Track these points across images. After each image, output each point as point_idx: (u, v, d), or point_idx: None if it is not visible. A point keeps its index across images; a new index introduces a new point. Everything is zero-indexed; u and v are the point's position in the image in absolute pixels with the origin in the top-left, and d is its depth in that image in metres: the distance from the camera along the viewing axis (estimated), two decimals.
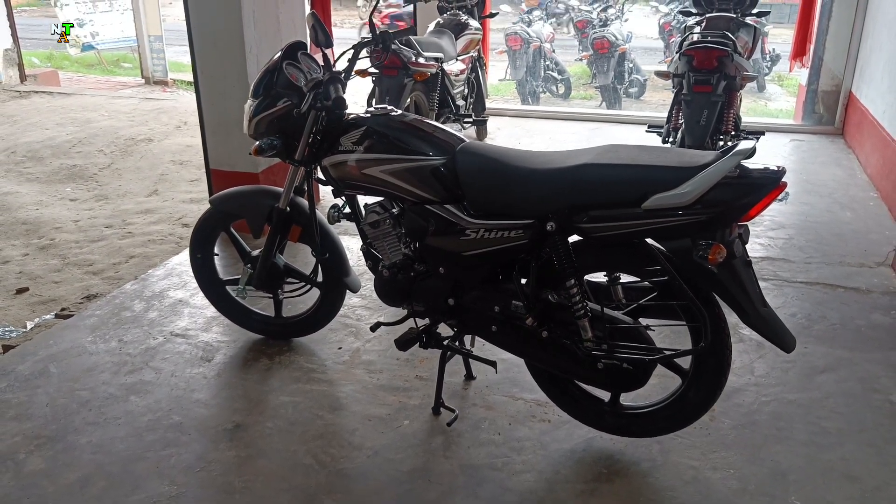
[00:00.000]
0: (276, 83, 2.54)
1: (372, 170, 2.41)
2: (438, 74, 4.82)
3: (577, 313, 2.22)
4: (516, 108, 8.02)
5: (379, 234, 2.54)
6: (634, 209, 2.04)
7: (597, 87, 9.21)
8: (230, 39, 3.87)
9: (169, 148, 6.69)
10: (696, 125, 3.98)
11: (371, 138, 2.42)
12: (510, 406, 2.69)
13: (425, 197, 2.37)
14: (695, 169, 1.98)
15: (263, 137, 2.58)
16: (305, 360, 3.00)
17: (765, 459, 2.40)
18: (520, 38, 8.92)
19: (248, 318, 3.14)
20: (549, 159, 2.23)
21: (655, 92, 10.73)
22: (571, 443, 2.50)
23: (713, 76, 3.96)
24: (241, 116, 4.09)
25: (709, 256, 1.95)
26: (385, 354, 3.04)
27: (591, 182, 2.09)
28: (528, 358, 2.45)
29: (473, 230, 2.30)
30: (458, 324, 2.51)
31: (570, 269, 2.20)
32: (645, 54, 11.15)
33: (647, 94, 10.29)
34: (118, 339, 3.16)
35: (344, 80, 2.50)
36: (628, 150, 2.19)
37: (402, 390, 2.79)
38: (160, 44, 10.51)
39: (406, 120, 2.46)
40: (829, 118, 6.61)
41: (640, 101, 10.07)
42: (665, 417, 2.34)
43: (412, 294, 2.53)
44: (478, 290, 2.43)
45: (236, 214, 2.93)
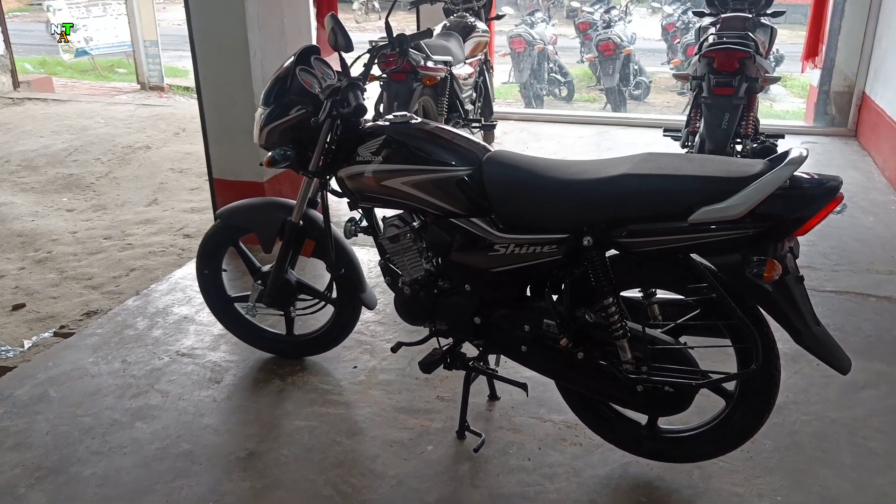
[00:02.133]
0: (288, 90, 2.39)
1: (392, 181, 2.27)
2: (447, 78, 4.68)
3: (616, 333, 2.08)
4: (522, 111, 7.89)
5: (399, 248, 2.39)
6: (680, 223, 1.90)
7: (601, 89, 9.10)
8: (234, 44, 3.73)
9: (168, 155, 6.54)
10: (718, 129, 3.86)
11: (391, 148, 2.28)
12: (538, 428, 2.55)
13: (450, 210, 2.23)
14: (744, 180, 1.85)
15: (276, 148, 2.43)
16: (320, 381, 2.86)
17: (812, 485, 2.27)
18: (523, 40, 8.79)
19: (258, 337, 3.00)
20: (584, 169, 2.09)
21: (659, 94, 10.63)
22: (606, 468, 2.36)
23: (735, 78, 3.83)
24: (245, 124, 4.00)
25: (764, 273, 1.81)
26: (403, 373, 2.89)
27: (633, 194, 1.95)
28: (560, 380, 2.31)
29: (503, 245, 2.16)
30: (485, 343, 2.37)
31: (608, 287, 2.06)
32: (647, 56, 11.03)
33: (651, 96, 10.19)
34: (121, 360, 3.01)
35: (363, 85, 2.35)
36: (669, 159, 2.05)
37: (423, 412, 2.65)
38: (156, 49, 10.35)
39: (428, 128, 2.32)
40: (842, 120, 6.48)
41: (644, 104, 9.94)
42: (708, 442, 2.20)
43: (435, 312, 2.39)
44: (506, 307, 2.29)
45: (246, 228, 2.78)
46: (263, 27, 3.81)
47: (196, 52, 3.80)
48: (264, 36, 3.82)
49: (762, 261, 1.83)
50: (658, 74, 10.90)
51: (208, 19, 3.72)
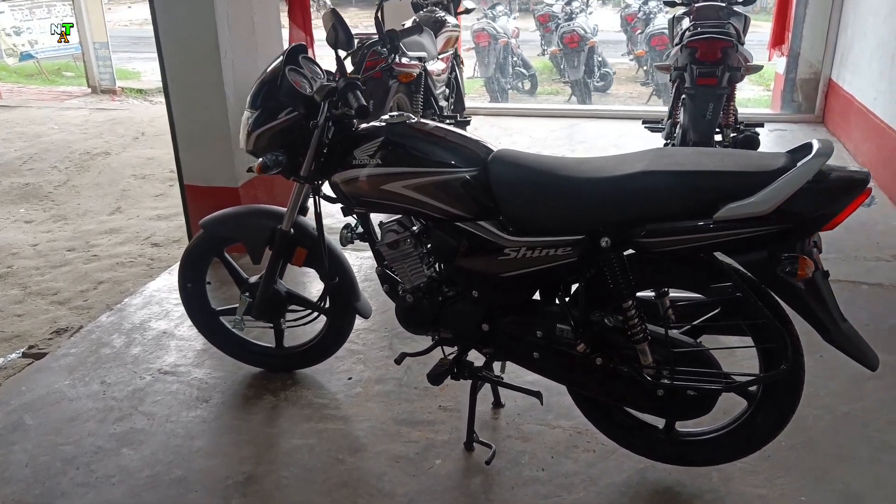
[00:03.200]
0: (278, 92, 2.25)
1: (392, 185, 2.15)
2: (422, 75, 4.57)
3: (636, 337, 2.00)
4: (491, 106, 7.81)
5: (398, 255, 2.28)
6: (704, 220, 1.82)
7: (566, 81, 9.06)
8: (203, 44, 3.55)
9: (129, 161, 6.29)
10: (702, 120, 3.82)
11: (389, 150, 2.16)
12: (548, 436, 2.46)
13: (455, 213, 2.12)
14: (770, 174, 1.77)
15: (265, 153, 2.29)
16: (314, 395, 2.72)
17: (833, 482, 2.22)
18: (487, 34, 8.71)
19: (246, 351, 2.85)
20: (598, 167, 2.00)
21: (622, 85, 10.65)
22: (623, 475, 2.28)
23: (717, 68, 3.80)
24: (218, 128, 3.83)
25: (798, 271, 1.74)
26: (401, 383, 2.78)
27: (654, 191, 1.86)
28: (575, 386, 2.22)
29: (513, 249, 2.06)
30: (494, 351, 2.27)
31: (627, 289, 1.98)
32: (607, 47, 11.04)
33: (614, 87, 10.20)
34: (100, 381, 2.84)
35: (362, 85, 2.22)
36: (686, 153, 1.98)
37: (426, 424, 2.54)
38: (106, 50, 9.98)
39: (427, 128, 2.21)
40: (809, 106, 6.55)
41: (608, 95, 9.95)
42: (729, 444, 2.14)
43: (440, 320, 2.28)
44: (516, 313, 2.19)
45: (232, 238, 2.64)
46: (233, 26, 3.64)
47: (163, 53, 3.61)
48: (234, 35, 3.65)
49: (794, 258, 1.76)
50: (619, 65, 10.94)
51: (175, 19, 3.53)
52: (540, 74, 10.55)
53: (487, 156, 2.13)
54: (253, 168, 2.25)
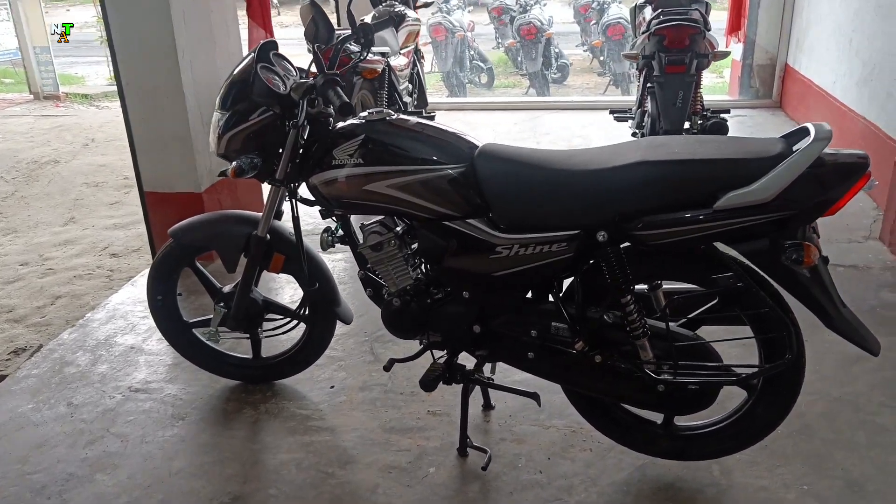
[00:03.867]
0: (250, 91, 2.13)
1: (375, 185, 2.06)
2: (386, 71, 4.46)
3: (636, 332, 1.94)
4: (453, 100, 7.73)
5: (383, 257, 2.18)
6: (704, 210, 1.77)
7: (524, 73, 9.03)
8: (159, 44, 3.39)
9: (79, 169, 6.05)
10: (672, 107, 3.80)
11: (370, 148, 2.07)
12: (542, 436, 2.40)
13: (442, 212, 2.04)
14: (769, 160, 1.73)
15: (238, 156, 2.17)
16: (297, 406, 2.61)
17: (834, 469, 2.20)
18: (443, 28, 8.62)
19: (222, 363, 2.72)
20: (590, 159, 1.94)
21: (577, 76, 10.67)
22: (623, 473, 2.23)
23: (686, 55, 3.78)
24: (177, 131, 3.67)
25: (804, 259, 1.71)
26: (386, 389, 2.68)
27: (652, 182, 1.80)
28: (572, 385, 2.16)
29: (505, 247, 1.99)
30: (488, 353, 2.19)
31: (625, 284, 1.92)
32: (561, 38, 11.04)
33: (570, 78, 10.21)
34: (67, 403, 2.68)
35: (342, 81, 2.12)
36: (680, 142, 1.92)
37: (416, 431, 2.45)
38: (48, 55, 9.60)
39: (408, 124, 2.12)
40: (766, 92, 6.62)
41: (565, 86, 9.96)
42: (729, 437, 2.10)
43: (429, 323, 2.20)
44: (508, 313, 2.12)
45: (204, 247, 2.51)
46: (190, 25, 3.48)
47: (116, 55, 3.44)
48: (192, 35, 3.50)
49: (798, 245, 1.72)
50: (573, 56, 10.95)
51: (129, 19, 3.36)
52: (496, 67, 10.51)
53: (473, 151, 2.05)
54: (227, 172, 2.13)
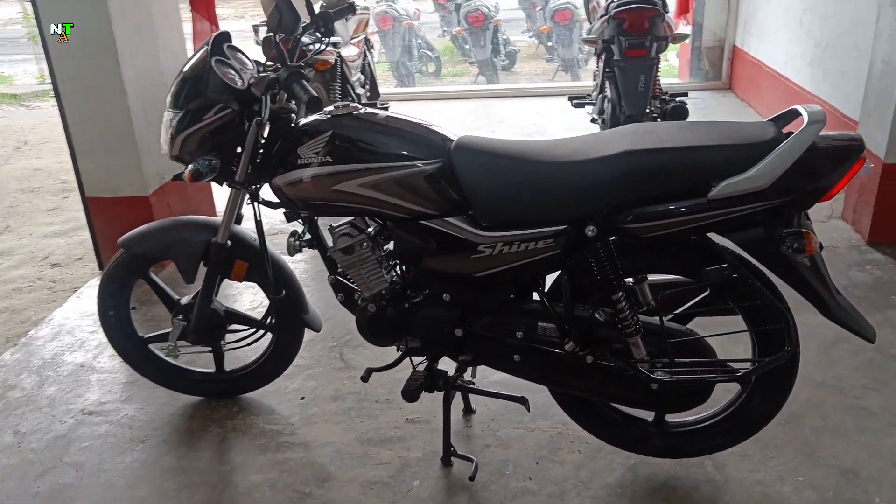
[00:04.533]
0: (205, 87, 1.96)
1: (345, 185, 1.92)
2: (338, 62, 4.29)
3: (628, 330, 1.86)
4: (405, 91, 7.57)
5: (355, 260, 2.05)
6: (697, 200, 1.69)
7: (472, 61, 8.92)
8: (97, 39, 3.16)
9: (12, 174, 5.70)
10: (634, 92, 3.73)
11: (339, 146, 1.92)
12: (528, 439, 2.30)
13: (419, 211, 1.91)
14: (762, 146, 1.66)
15: (194, 158, 2.01)
16: (266, 422, 2.46)
17: (826, 458, 2.16)
18: (390, 16, 8.44)
19: (182, 379, 2.55)
20: (574, 150, 1.83)
21: (524, 62, 10.60)
22: (614, 474, 2.15)
23: (646, 38, 3.71)
24: (120, 131, 3.44)
25: (806, 248, 1.64)
26: (360, 398, 2.55)
27: (643, 172, 1.71)
28: (561, 387, 2.07)
29: (488, 245, 1.87)
30: (472, 357, 2.08)
31: (616, 280, 1.83)
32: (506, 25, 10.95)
33: (517, 65, 10.14)
34: (13, 431, 2.47)
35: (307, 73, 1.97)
36: (667, 129, 1.84)
37: (395, 441, 2.33)
38: None
39: (378, 118, 1.98)
40: (715, 74, 6.65)
41: (513, 73, 9.88)
42: (723, 432, 2.04)
43: (407, 328, 2.08)
44: (492, 314, 2.01)
45: (159, 257, 2.33)
46: (129, 17, 3.26)
47: (50, 51, 3.20)
48: (131, 28, 3.28)
49: (799, 234, 1.65)
50: (519, 43, 10.88)
51: (63, 13, 3.12)
52: (442, 56, 10.37)
53: (449, 144, 1.93)
54: (183, 176, 1.96)
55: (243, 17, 15.30)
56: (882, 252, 3.38)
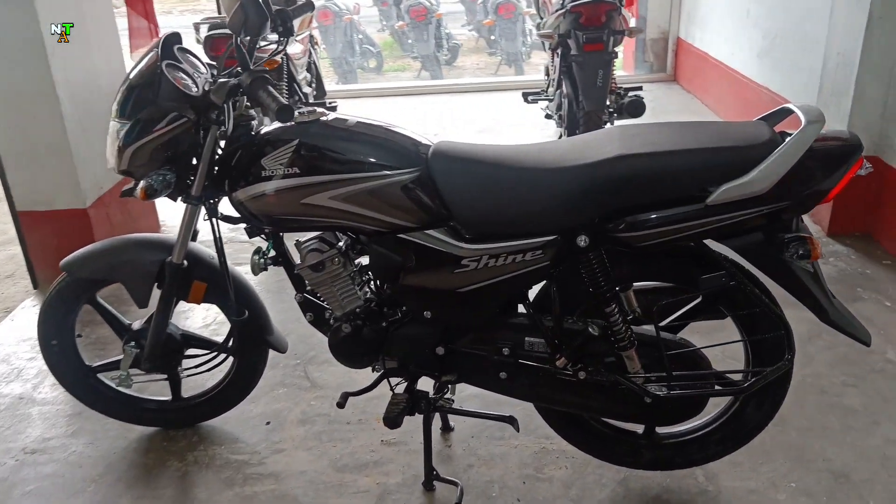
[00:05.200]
0: (156, 94, 1.78)
1: (315, 198, 1.77)
2: (284, 60, 4.09)
3: (622, 343, 1.77)
4: (351, 88, 7.35)
5: (325, 277, 1.90)
6: (694, 206, 1.61)
7: (415, 56, 8.77)
8: (24, 40, 2.91)
9: None
10: (593, 87, 3.66)
11: (307, 155, 1.77)
12: (512, 457, 2.20)
13: (397, 224, 1.78)
14: (760, 147, 1.58)
15: (145, 172, 1.82)
16: (230, 451, 2.29)
17: (816, 461, 2.12)
18: (330, 11, 8.22)
19: (135, 409, 2.36)
20: (561, 155, 1.73)
21: (466, 56, 10.53)
22: (606, 491, 2.06)
23: (603, 32, 3.64)
24: (52, 139, 3.18)
25: (812, 254, 1.57)
26: (330, 420, 2.41)
27: (638, 178, 1.62)
28: (551, 404, 1.97)
29: (473, 259, 1.75)
30: (456, 377, 1.96)
31: (610, 291, 1.73)
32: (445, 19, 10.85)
33: (459, 59, 10.05)
34: None
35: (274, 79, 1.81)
36: (656, 130, 1.75)
37: (373, 466, 2.19)
38: None
39: (348, 125, 1.83)
40: (660, 66, 6.68)
41: (456, 67, 9.79)
42: (716, 442, 1.97)
43: (385, 348, 1.94)
44: (477, 331, 1.90)
45: (106, 280, 2.13)
46: (59, 17, 3.01)
47: None
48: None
49: (803, 240, 1.59)
50: (459, 37, 10.79)
51: None
52: (383, 51, 10.20)
53: (426, 151, 1.80)
54: (135, 192, 1.78)
55: (171, 13, 14.78)
56: (843, 244, 3.40)
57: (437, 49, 8.55)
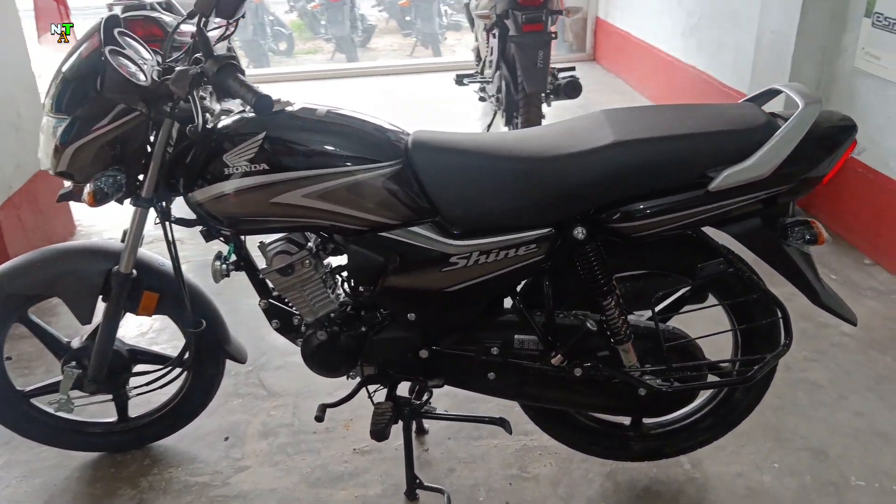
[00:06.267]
0: (101, 85, 1.57)
1: (286, 196, 1.61)
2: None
3: (619, 337, 1.70)
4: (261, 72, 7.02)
5: (295, 281, 1.75)
6: (694, 193, 1.55)
7: (328, 38, 8.50)
8: None
9: None
10: (534, 68, 3.60)
11: (275, 150, 1.61)
12: (493, 457, 2.12)
13: (378, 222, 1.64)
14: (758, 130, 1.54)
15: (89, 173, 1.61)
16: (188, 473, 2.10)
17: (793, 440, 2.14)
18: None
19: (75, 434, 2.13)
20: (551, 143, 1.63)
21: (378, 38, 10.30)
22: (594, 486, 2.01)
23: (542, 12, 3.57)
24: None
25: (819, 238, 1.54)
26: (294, 430, 2.25)
27: (638, 165, 1.54)
28: (541, 402, 1.89)
29: (462, 256, 1.64)
30: (443, 381, 1.85)
31: (607, 285, 1.66)
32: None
33: (372, 41, 9.83)
34: None
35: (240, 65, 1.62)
36: (648, 115, 1.69)
37: (348, 478, 2.06)
38: None
39: (318, 115, 1.68)
40: (580, 46, 6.70)
41: (368, 49, 9.56)
42: (706, 428, 1.95)
43: (364, 354, 1.81)
44: (463, 331, 1.79)
45: (42, 295, 1.90)
46: None
47: None
48: None
49: (808, 224, 1.55)
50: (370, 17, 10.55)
51: None
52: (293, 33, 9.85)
53: (404, 142, 1.67)
54: (82, 197, 1.57)
55: None
56: None
57: (352, 31, 8.30)
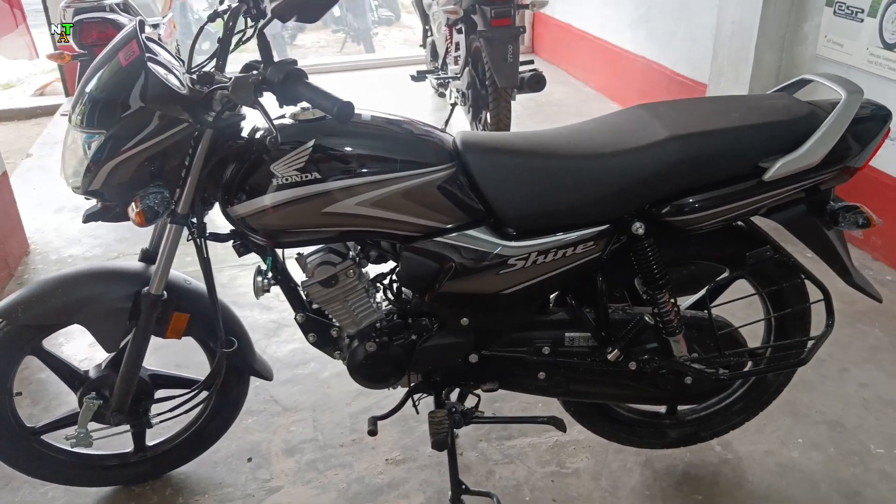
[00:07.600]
0: (145, 96, 1.46)
1: (340, 205, 1.55)
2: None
3: (670, 328, 1.72)
4: None
5: (338, 293, 1.69)
6: (748, 183, 1.59)
7: None
8: None
9: None
10: (504, 63, 3.60)
11: (326, 158, 1.54)
12: (529, 455, 2.11)
13: (433, 227, 1.61)
14: (805, 120, 1.59)
15: (126, 191, 1.50)
16: (216, 499, 2.01)
17: (810, 415, 2.23)
18: None
19: (88, 469, 1.99)
20: (601, 141, 1.64)
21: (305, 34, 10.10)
22: (634, 477, 2.03)
23: (510, 7, 3.57)
24: None
25: (871, 222, 1.60)
26: (320, 445, 2.18)
27: (697, 159, 1.56)
28: (587, 398, 1.89)
29: (520, 258, 1.63)
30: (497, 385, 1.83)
31: (662, 279, 1.68)
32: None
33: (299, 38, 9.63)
34: None
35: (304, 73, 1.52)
36: (694, 108, 1.71)
37: (387, 490, 2.01)
38: None
39: (364, 120, 1.62)
40: None
41: (295, 46, 9.37)
42: (739, 411, 2.01)
43: (412, 362, 1.77)
44: (513, 332, 1.77)
45: (60, 324, 1.76)
46: None
47: None
48: None
49: (857, 209, 1.62)
50: None
51: None
52: None
53: (453, 144, 1.64)
54: (131, 218, 1.46)
55: None
56: None
57: (281, 27, 8.09)
